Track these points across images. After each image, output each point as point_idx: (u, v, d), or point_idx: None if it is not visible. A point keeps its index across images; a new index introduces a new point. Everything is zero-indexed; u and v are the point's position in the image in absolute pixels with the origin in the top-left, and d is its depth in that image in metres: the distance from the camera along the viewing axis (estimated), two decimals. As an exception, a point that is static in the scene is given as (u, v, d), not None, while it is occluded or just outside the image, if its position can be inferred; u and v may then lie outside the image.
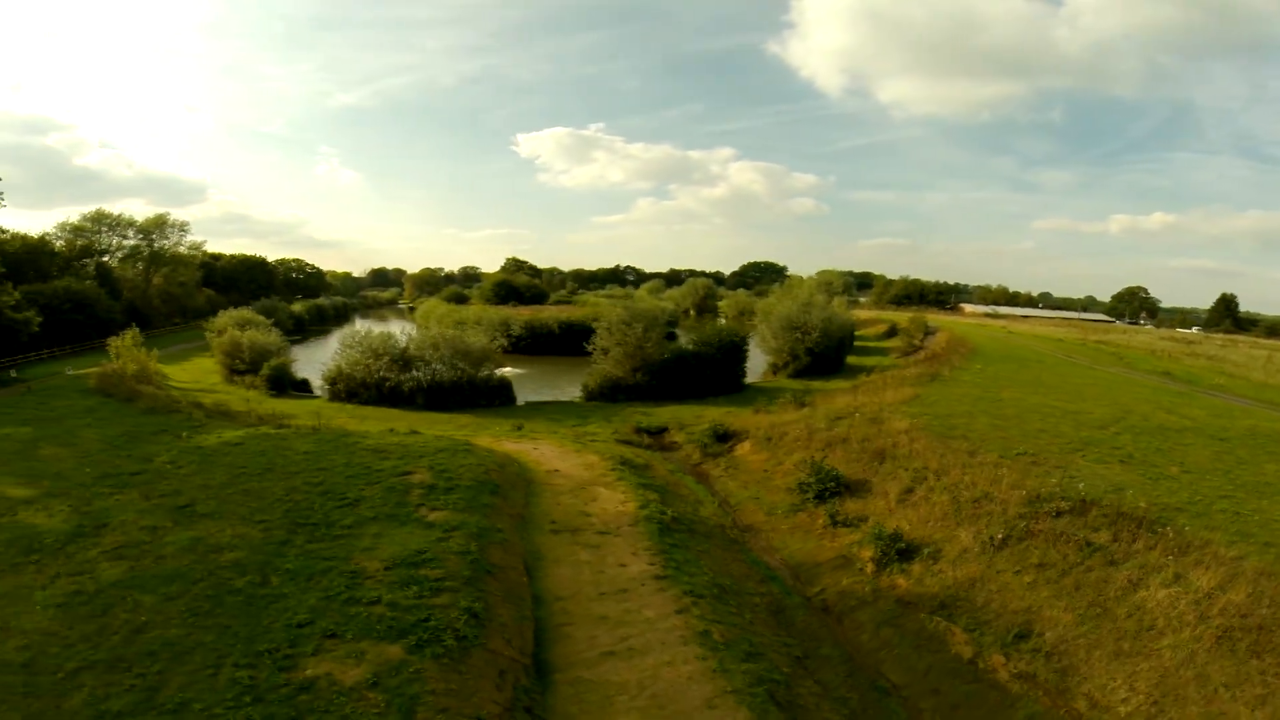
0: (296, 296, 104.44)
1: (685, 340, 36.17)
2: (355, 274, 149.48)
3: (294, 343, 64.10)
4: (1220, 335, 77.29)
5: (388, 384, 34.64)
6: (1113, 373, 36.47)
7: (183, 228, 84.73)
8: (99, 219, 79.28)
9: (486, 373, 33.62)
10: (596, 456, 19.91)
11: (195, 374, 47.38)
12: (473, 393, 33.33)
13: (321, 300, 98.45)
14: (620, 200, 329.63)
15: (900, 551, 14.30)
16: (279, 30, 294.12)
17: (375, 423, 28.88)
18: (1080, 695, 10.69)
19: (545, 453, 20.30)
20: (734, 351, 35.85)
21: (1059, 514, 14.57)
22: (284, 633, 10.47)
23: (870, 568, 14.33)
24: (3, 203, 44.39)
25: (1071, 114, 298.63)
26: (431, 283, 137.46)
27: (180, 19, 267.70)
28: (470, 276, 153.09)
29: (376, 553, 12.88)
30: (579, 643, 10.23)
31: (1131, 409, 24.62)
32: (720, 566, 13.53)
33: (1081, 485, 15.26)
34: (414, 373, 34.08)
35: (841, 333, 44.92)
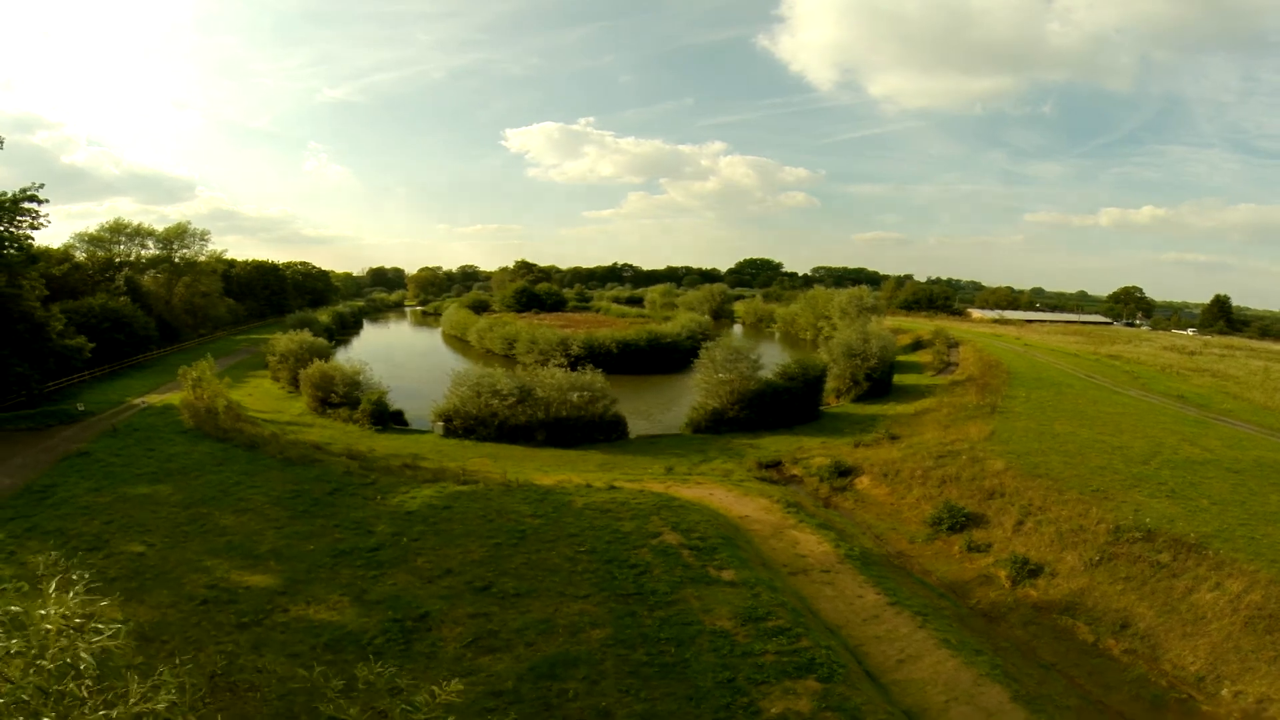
0: (306, 299, 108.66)
1: (770, 373, 42.96)
2: (355, 273, 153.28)
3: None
4: (1217, 339, 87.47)
5: (497, 419, 40.51)
6: (1134, 397, 44.67)
7: (203, 236, 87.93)
8: (117, 229, 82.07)
9: (602, 407, 40.05)
10: (765, 500, 26.71)
11: (264, 400, 50.93)
12: (590, 428, 39.66)
13: (342, 308, 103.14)
14: (611, 195, 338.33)
15: (1029, 571, 21.65)
16: (267, 26, 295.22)
17: (521, 463, 33.01)
18: (1166, 661, 18.10)
19: (721, 498, 26.89)
20: (815, 384, 43.04)
21: (1134, 541, 22.04)
22: (722, 688, 13.62)
23: (1007, 584, 21.67)
24: (46, 221, 45.39)
25: (1063, 107, 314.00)
26: (434, 283, 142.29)
27: (169, 15, 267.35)
28: (470, 275, 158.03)
29: (716, 613, 16.60)
30: (876, 656, 16.40)
31: (1162, 441, 32.43)
32: (913, 590, 20.66)
33: (1147, 520, 22.77)
34: (530, 408, 40.07)
35: (891, 356, 52.37)
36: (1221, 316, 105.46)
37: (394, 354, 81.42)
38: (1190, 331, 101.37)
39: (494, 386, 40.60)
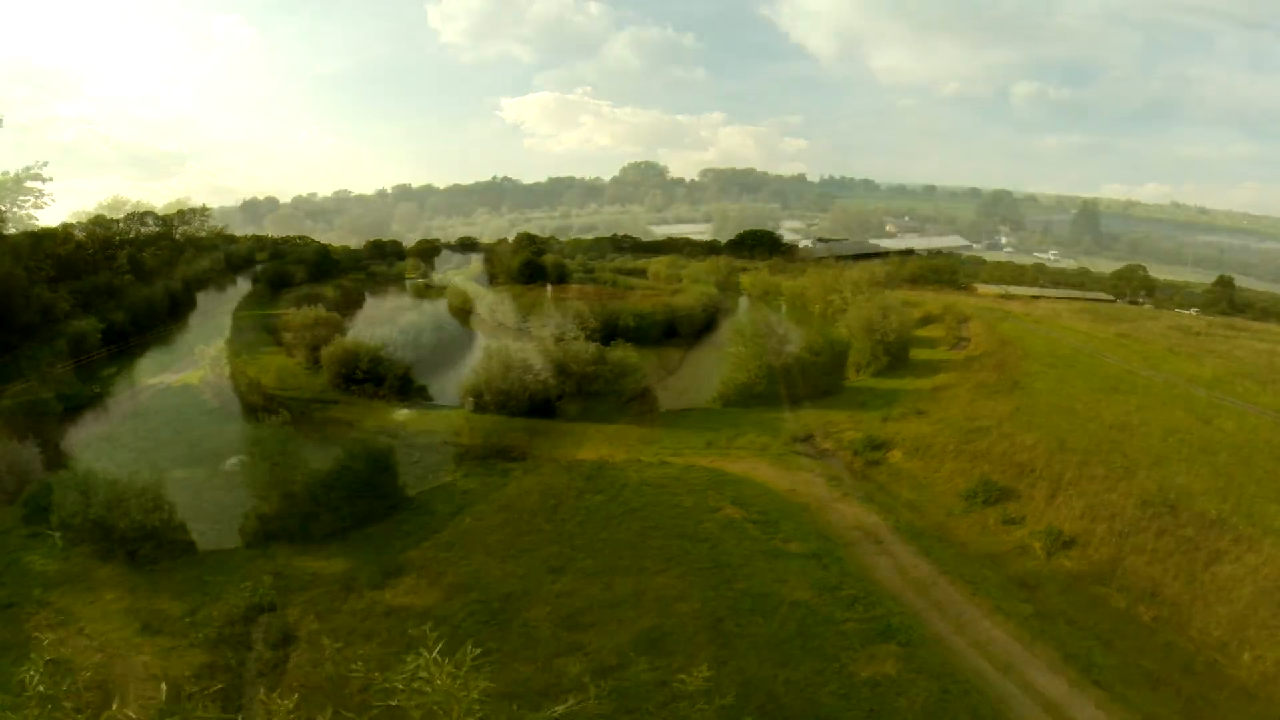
0: (307, 274, 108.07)
1: (796, 348, 44.23)
2: (352, 246, 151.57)
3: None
4: (1220, 320, 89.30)
5: (528, 394, 41.49)
6: (1146, 377, 46.36)
7: (203, 212, 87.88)
8: (116, 207, 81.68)
9: (633, 381, 41.21)
10: (808, 474, 28.12)
11: (282, 377, 49.74)
12: (621, 401, 40.89)
13: (345, 281, 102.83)
14: (608, 165, 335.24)
15: (1063, 543, 23.34)
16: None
17: (560, 438, 34.08)
18: (1192, 627, 19.87)
19: (766, 472, 28.12)
20: (839, 358, 44.51)
21: (1160, 516, 23.74)
22: (812, 655, 14.80)
23: (1043, 555, 23.35)
24: (50, 200, 44.87)
25: (1069, 83, 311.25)
26: (434, 255, 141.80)
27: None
28: (469, 246, 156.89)
29: (792, 584, 17.78)
30: (937, 622, 17.79)
31: (1179, 421, 34.07)
32: (959, 560, 22.26)
33: (1172, 495, 24.45)
34: (562, 383, 41.05)
35: (909, 331, 53.79)
36: (1225, 297, 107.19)
37: (403, 328, 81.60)
38: (1193, 311, 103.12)
39: (525, 361, 41.58)
